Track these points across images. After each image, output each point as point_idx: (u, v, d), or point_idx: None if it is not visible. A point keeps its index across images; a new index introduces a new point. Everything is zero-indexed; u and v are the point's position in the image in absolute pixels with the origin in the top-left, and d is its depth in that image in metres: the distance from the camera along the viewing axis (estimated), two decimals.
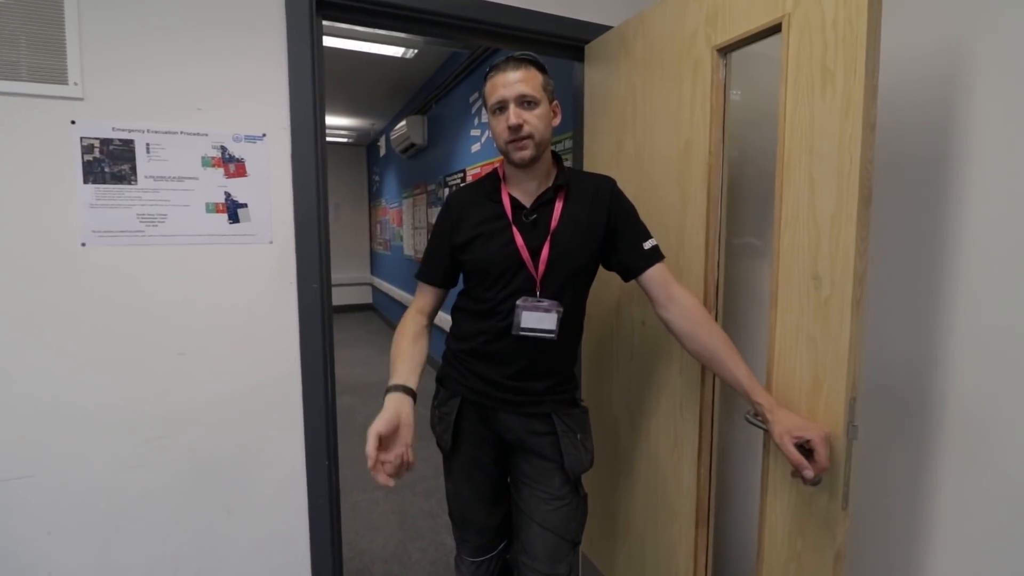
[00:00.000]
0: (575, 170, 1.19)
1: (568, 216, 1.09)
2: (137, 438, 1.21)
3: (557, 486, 1.12)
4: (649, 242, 1.10)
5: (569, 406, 1.16)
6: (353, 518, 2.34)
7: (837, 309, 0.88)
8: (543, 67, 1.07)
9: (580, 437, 1.14)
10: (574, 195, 1.11)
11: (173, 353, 1.22)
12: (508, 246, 1.08)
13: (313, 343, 1.31)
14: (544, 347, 1.09)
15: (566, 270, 1.08)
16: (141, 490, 1.23)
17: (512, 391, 1.13)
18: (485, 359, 1.14)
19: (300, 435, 1.34)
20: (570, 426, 1.13)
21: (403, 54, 3.57)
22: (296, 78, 1.24)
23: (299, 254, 1.29)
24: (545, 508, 1.12)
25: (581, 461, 1.13)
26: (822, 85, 0.88)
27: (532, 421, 1.14)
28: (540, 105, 1.04)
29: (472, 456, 1.20)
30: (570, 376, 1.18)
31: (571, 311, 1.11)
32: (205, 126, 1.20)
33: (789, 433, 0.89)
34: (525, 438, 1.14)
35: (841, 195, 0.86)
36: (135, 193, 1.17)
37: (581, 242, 1.08)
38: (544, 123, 1.05)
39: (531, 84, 1.03)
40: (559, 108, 1.10)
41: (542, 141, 1.05)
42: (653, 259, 1.08)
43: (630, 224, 1.12)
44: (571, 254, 1.08)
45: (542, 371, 1.12)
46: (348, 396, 4.04)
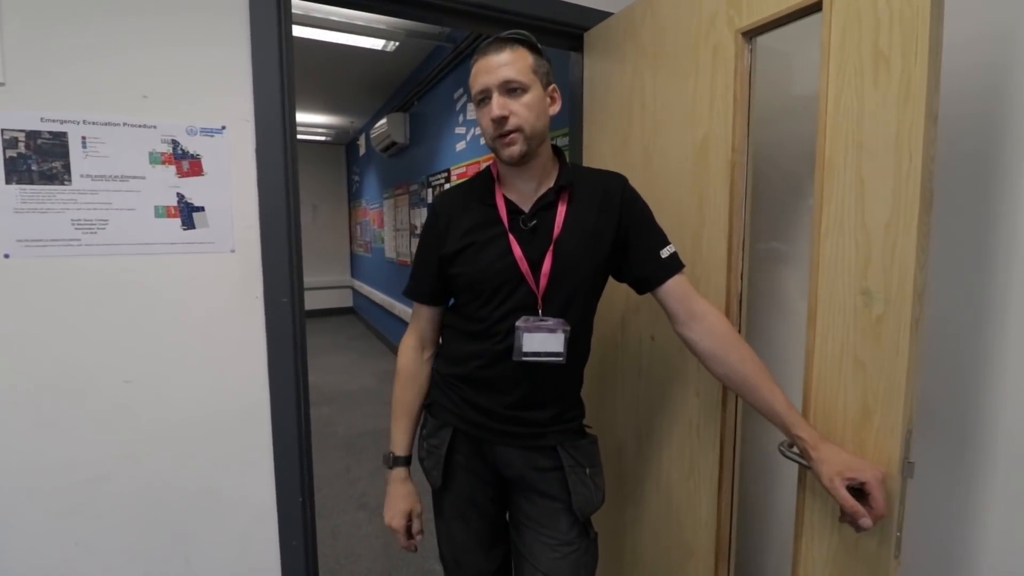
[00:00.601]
0: (580, 167, 1.05)
1: (573, 221, 0.94)
2: (75, 480, 1.04)
3: (564, 529, 0.98)
4: (667, 249, 0.95)
5: (576, 436, 1.02)
6: (333, 545, 2.17)
7: (892, 329, 0.76)
8: (536, 46, 0.92)
9: (590, 472, 1.00)
10: (579, 196, 0.96)
11: (117, 381, 1.05)
12: (504, 257, 0.93)
13: (283, 366, 1.16)
14: (548, 372, 0.95)
15: (571, 283, 0.94)
16: (82, 539, 1.06)
17: (512, 422, 0.99)
18: (480, 386, 1.00)
19: (269, 470, 1.18)
20: (578, 460, 0.99)
21: (384, 47, 3.41)
22: (261, 63, 1.08)
23: (266, 264, 1.13)
24: (552, 556, 0.97)
25: (591, 500, 0.99)
26: (874, 70, 0.76)
27: (535, 455, 0.99)
28: (530, 91, 0.89)
29: (466, 494, 1.06)
30: (576, 402, 1.04)
31: (578, 330, 0.96)
32: (153, 117, 1.04)
33: (840, 475, 0.76)
34: (527, 474, 1.00)
35: (898, 198, 0.74)
36: (69, 195, 1.00)
37: (588, 251, 0.94)
38: (535, 112, 0.89)
39: (517, 67, 0.88)
40: (558, 93, 0.95)
41: (534, 134, 0.90)
42: (671, 269, 0.94)
43: (645, 229, 0.97)
44: (577, 265, 0.94)
45: (546, 399, 0.98)
46: (326, 406, 3.86)
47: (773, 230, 1.15)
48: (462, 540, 1.08)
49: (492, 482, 1.05)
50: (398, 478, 1.08)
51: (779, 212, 1.14)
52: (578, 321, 0.96)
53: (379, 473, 2.79)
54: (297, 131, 4.06)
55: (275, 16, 1.09)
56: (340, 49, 3.46)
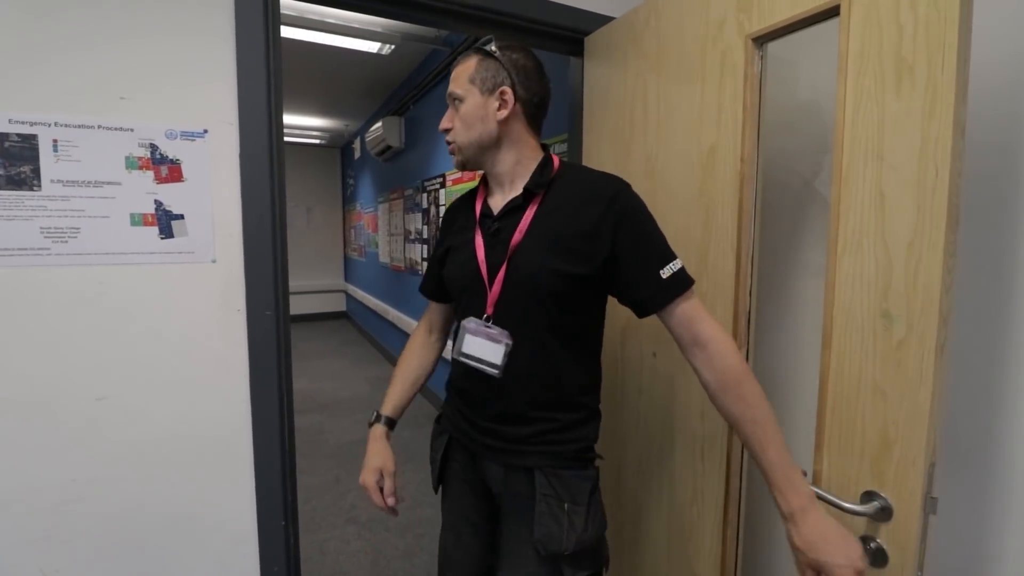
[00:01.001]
0: (578, 169, 0.97)
1: (540, 229, 0.88)
2: (43, 504, 0.97)
3: (529, 561, 0.88)
4: (669, 267, 0.83)
5: (563, 463, 0.90)
6: (321, 561, 2.10)
7: (915, 355, 0.71)
8: (488, 51, 0.90)
9: (568, 508, 0.87)
10: (556, 202, 0.89)
11: (89, 398, 0.99)
12: (471, 261, 0.93)
13: (266, 383, 1.09)
14: (522, 386, 0.90)
15: (526, 295, 0.87)
16: (50, 566, 0.99)
17: (491, 435, 0.94)
18: (462, 393, 1.00)
19: (250, 493, 1.11)
20: (556, 491, 0.88)
21: (379, 50, 3.36)
22: (246, 63, 1.03)
23: (249, 275, 1.07)
24: None
25: (557, 538, 0.85)
26: (896, 79, 0.72)
27: (514, 477, 0.92)
28: (465, 101, 0.91)
29: (460, 508, 1.04)
30: (569, 426, 0.91)
31: (537, 344, 0.88)
32: (130, 119, 0.98)
33: (811, 566, 0.72)
34: (505, 496, 0.95)
35: (922, 215, 0.69)
36: (38, 201, 0.93)
37: (553, 262, 0.85)
38: (467, 123, 0.91)
39: (459, 79, 0.91)
40: (508, 94, 0.89)
41: (467, 144, 0.92)
42: (672, 292, 0.83)
43: (641, 244, 0.85)
44: (534, 276, 0.86)
45: (526, 415, 0.91)
46: (317, 414, 3.78)
47: (784, 246, 1.10)
48: (451, 554, 1.06)
49: (486, 497, 1.01)
50: (375, 435, 1.08)
51: (791, 227, 1.09)
52: (533, 338, 0.88)
53: None
54: (291, 133, 4.04)
55: (262, 14, 1.03)
56: (336, 52, 3.41)
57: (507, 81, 0.89)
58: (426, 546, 2.19)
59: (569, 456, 0.91)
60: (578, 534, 0.86)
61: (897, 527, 0.74)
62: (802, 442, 1.05)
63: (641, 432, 1.25)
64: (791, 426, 1.12)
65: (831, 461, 0.81)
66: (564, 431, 0.91)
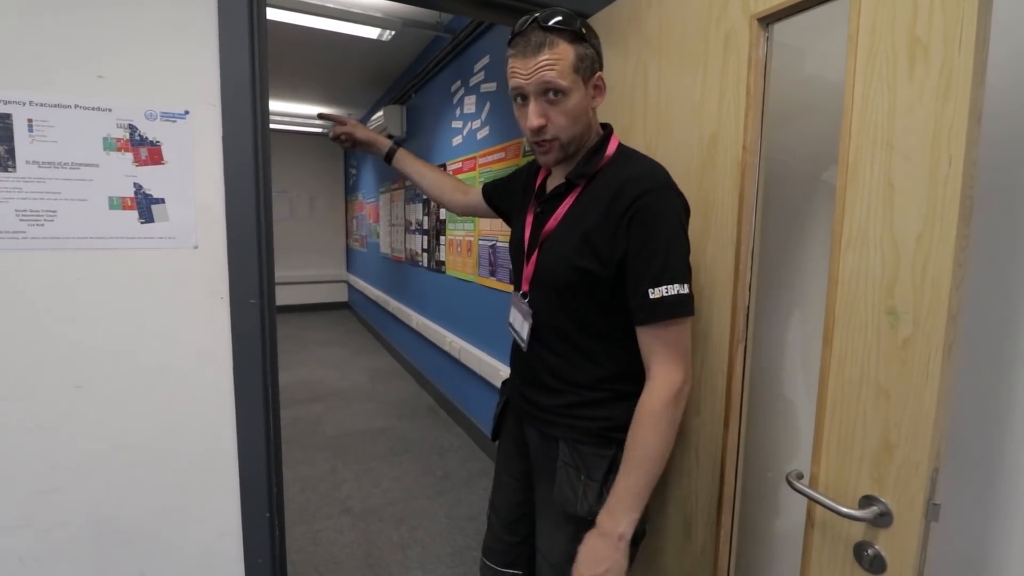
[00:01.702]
0: (626, 156, 0.91)
1: (572, 220, 0.89)
2: (20, 492, 0.95)
3: (554, 518, 0.97)
4: (662, 290, 0.79)
5: (587, 438, 0.92)
6: (314, 551, 2.09)
7: (921, 354, 0.67)
8: (579, 33, 0.82)
9: (584, 479, 0.91)
10: (594, 190, 0.87)
11: (68, 385, 0.97)
12: (521, 233, 1.00)
13: (251, 374, 1.07)
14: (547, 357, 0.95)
15: (550, 284, 0.92)
16: (28, 554, 0.97)
17: (529, 402, 1.01)
18: (511, 360, 1.09)
19: (235, 485, 1.09)
20: (575, 461, 0.92)
21: (379, 36, 3.30)
22: (229, 41, 0.99)
23: (232, 262, 1.04)
24: (547, 539, 1.00)
25: (570, 501, 0.91)
26: (909, 61, 0.67)
27: (546, 443, 0.98)
28: (571, 96, 0.82)
29: (504, 461, 1.14)
30: (595, 403, 0.92)
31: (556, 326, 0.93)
32: (108, 99, 0.94)
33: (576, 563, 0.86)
34: (539, 459, 1.02)
35: (933, 206, 0.65)
36: (14, 183, 0.90)
37: (575, 259, 0.86)
38: (573, 119, 0.84)
39: (558, 67, 0.80)
40: (603, 81, 0.87)
41: (572, 140, 0.87)
42: (650, 315, 0.81)
43: (643, 254, 0.81)
44: (556, 269, 0.89)
45: (552, 386, 0.96)
46: (316, 404, 3.77)
47: (786, 239, 1.06)
48: (494, 497, 1.17)
49: (524, 457, 1.08)
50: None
51: (793, 219, 1.05)
52: (559, 320, 0.92)
53: (365, 475, 2.71)
54: (293, 122, 4.00)
55: None
56: (336, 39, 3.36)
57: (599, 66, 0.86)
58: (420, 538, 2.18)
59: (591, 432, 0.93)
60: (590, 504, 0.90)
61: (896, 534, 0.71)
62: (799, 443, 1.02)
63: None
64: (788, 427, 1.08)
65: (829, 464, 0.78)
66: (587, 407, 0.93)
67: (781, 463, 1.09)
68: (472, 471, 2.76)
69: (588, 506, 0.90)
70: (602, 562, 0.83)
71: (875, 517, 0.72)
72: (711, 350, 1.00)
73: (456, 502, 2.46)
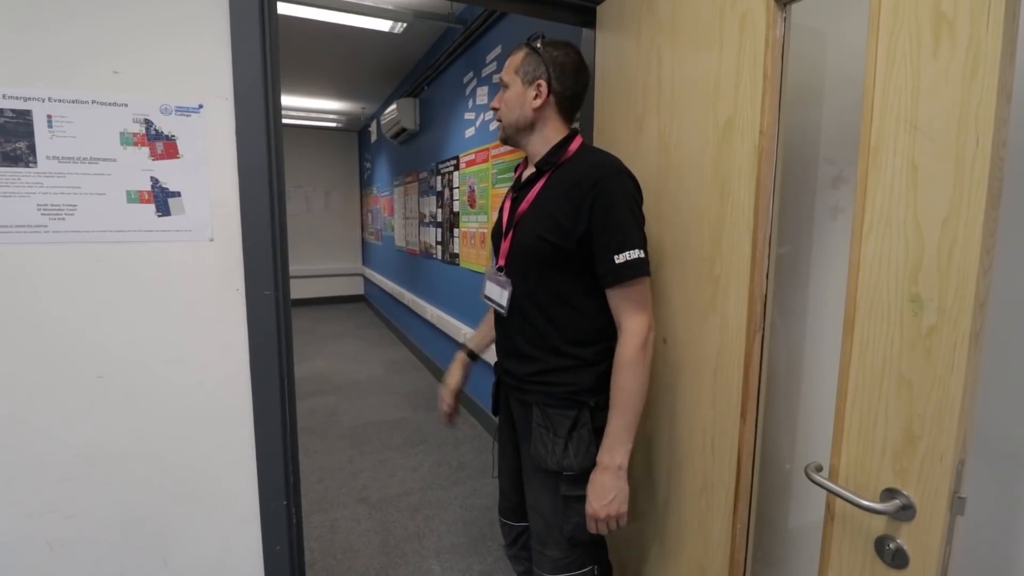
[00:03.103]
0: (585, 152, 1.07)
1: (540, 201, 1.05)
2: (46, 479, 0.98)
3: (541, 476, 1.10)
4: (625, 255, 0.95)
5: (556, 403, 1.06)
6: (331, 540, 2.12)
7: (947, 343, 0.65)
8: (535, 47, 1.06)
9: (553, 439, 1.05)
10: (559, 179, 1.04)
11: (89, 376, 0.99)
12: (501, 217, 1.16)
13: (266, 363, 1.08)
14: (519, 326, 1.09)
15: (524, 256, 1.06)
16: (55, 539, 1.00)
17: (507, 373, 1.16)
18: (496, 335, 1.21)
19: (252, 472, 1.11)
20: (547, 423, 1.06)
21: (392, 28, 3.30)
22: (241, 33, 0.99)
23: (247, 254, 1.05)
24: (535, 495, 1.13)
25: (540, 456, 1.06)
26: (934, 38, 0.65)
27: (525, 410, 1.13)
28: (509, 88, 1.07)
29: (502, 430, 1.28)
30: (564, 369, 1.06)
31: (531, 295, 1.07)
32: (125, 94, 0.95)
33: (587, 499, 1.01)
34: (521, 425, 1.16)
35: (960, 189, 0.63)
36: (35, 178, 0.92)
37: (542, 232, 1.02)
38: (509, 106, 1.08)
39: (507, 68, 1.07)
40: (543, 86, 1.05)
41: (509, 124, 1.09)
42: (617, 277, 0.96)
43: (606, 227, 0.96)
44: (526, 243, 1.05)
45: (524, 352, 1.10)
46: (332, 395, 3.82)
47: (805, 224, 1.04)
48: (499, 462, 1.31)
49: (511, 427, 1.22)
50: (456, 358, 1.35)
51: (812, 204, 1.02)
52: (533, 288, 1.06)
53: (381, 466, 2.74)
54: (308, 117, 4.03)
55: None
56: (349, 32, 3.37)
57: (544, 75, 1.04)
58: (435, 528, 2.20)
59: (559, 396, 1.06)
60: (558, 459, 1.05)
61: (920, 527, 0.69)
62: (819, 434, 1.00)
63: (650, 420, 1.20)
64: (809, 418, 1.06)
65: (849, 456, 0.76)
66: (555, 373, 1.07)
67: (800, 455, 1.07)
68: (486, 462, 2.77)
69: (556, 460, 1.05)
70: (608, 492, 0.98)
71: (897, 510, 0.70)
72: (727, 340, 0.98)
73: (471, 492, 2.48)
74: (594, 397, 1.06)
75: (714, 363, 1.01)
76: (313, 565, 1.95)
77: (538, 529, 1.13)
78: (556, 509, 1.09)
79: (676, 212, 1.08)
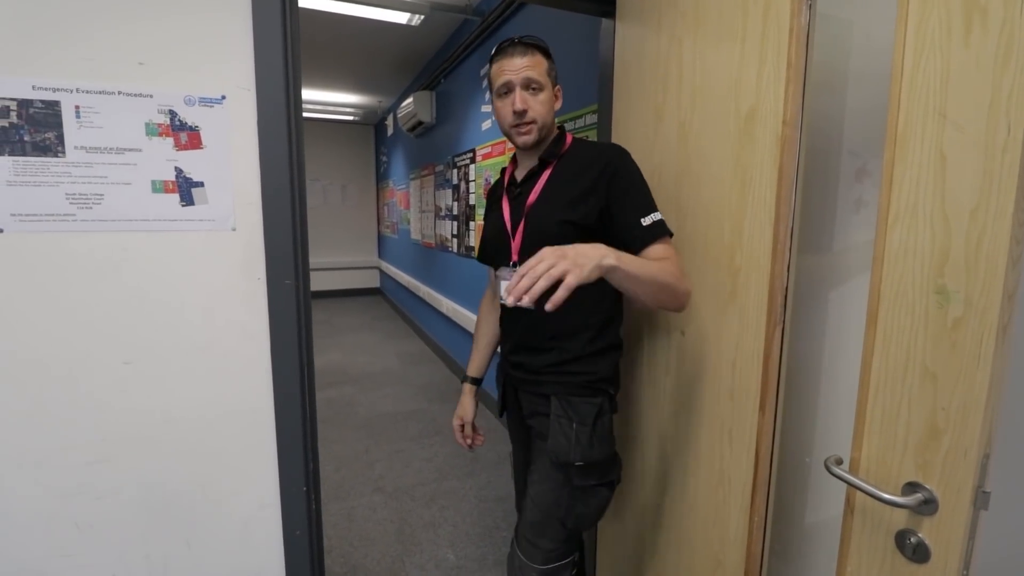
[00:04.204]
0: (583, 142, 1.15)
1: (550, 190, 1.09)
2: (75, 461, 1.01)
3: (548, 467, 1.11)
4: (650, 217, 1.00)
5: (577, 391, 1.09)
6: (348, 527, 2.16)
7: (973, 336, 0.64)
8: (548, 52, 1.10)
9: (576, 427, 1.07)
10: (564, 167, 1.10)
11: (117, 361, 1.01)
12: (499, 219, 1.16)
13: (287, 351, 1.10)
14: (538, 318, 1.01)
15: (540, 240, 1.03)
16: (83, 520, 1.03)
17: (518, 368, 1.17)
18: (504, 335, 1.23)
19: (272, 458, 1.13)
20: (567, 412, 1.08)
21: (408, 20, 3.30)
22: (263, 27, 1.00)
23: (269, 244, 1.07)
24: (537, 487, 1.13)
25: (564, 449, 1.06)
26: (965, 25, 0.63)
27: (537, 401, 1.15)
28: (544, 91, 1.07)
29: (512, 430, 1.31)
30: (580, 358, 1.09)
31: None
32: (149, 85, 0.97)
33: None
34: (533, 417, 1.17)
35: (989, 179, 0.62)
36: (63, 168, 0.95)
37: (560, 216, 1.06)
38: (547, 108, 1.09)
39: (537, 69, 1.06)
40: (560, 92, 1.13)
41: (544, 125, 1.09)
42: (649, 236, 0.99)
43: (628, 196, 1.02)
44: (545, 229, 1.07)
45: (542, 345, 1.12)
46: (349, 386, 3.87)
47: (828, 215, 1.02)
48: (514, 462, 1.35)
49: (523, 422, 1.23)
50: (464, 391, 1.37)
51: (835, 194, 1.01)
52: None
53: (397, 456, 2.77)
54: (325, 111, 4.07)
55: None
56: (366, 24, 3.38)
57: (558, 79, 1.13)
58: (450, 518, 2.22)
59: (579, 385, 1.09)
60: (583, 449, 1.05)
61: (942, 522, 0.68)
62: (841, 427, 0.99)
63: (666, 412, 1.20)
64: (829, 411, 1.05)
65: (870, 449, 0.75)
66: (574, 363, 1.09)
67: (819, 448, 1.06)
68: (501, 454, 2.79)
69: (581, 451, 1.05)
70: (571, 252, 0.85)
71: (919, 504, 0.69)
72: (746, 331, 0.97)
73: (486, 483, 2.50)
74: (612, 387, 1.11)
75: (733, 354, 1.00)
76: (331, 552, 1.98)
77: (534, 520, 1.13)
78: (560, 502, 1.09)
79: (696, 202, 1.07)
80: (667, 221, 1.03)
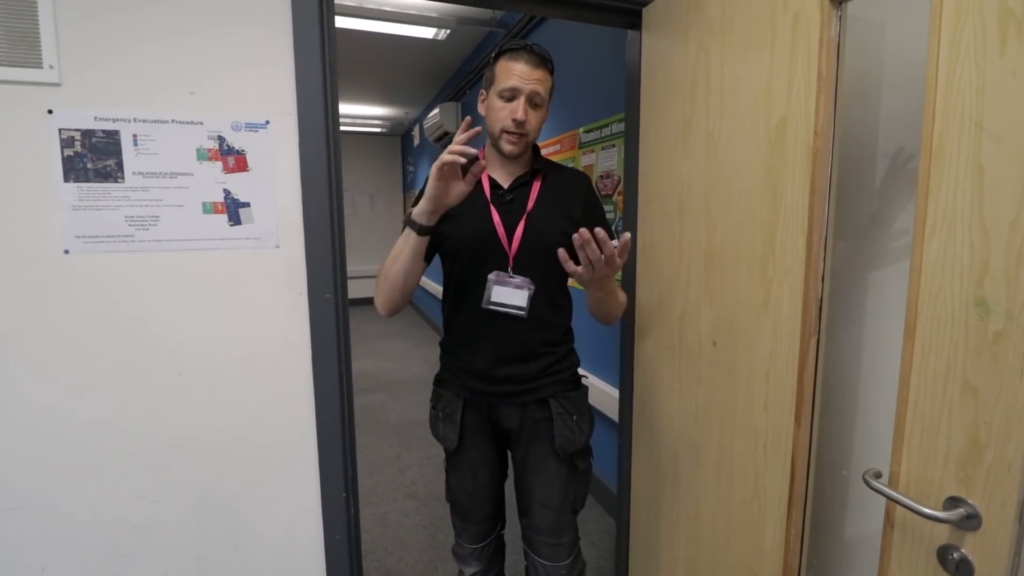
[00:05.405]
0: (551, 160, 1.25)
1: (544, 198, 1.14)
2: (133, 467, 1.07)
3: (554, 467, 1.18)
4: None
5: (569, 387, 1.19)
6: (382, 533, 2.20)
7: (1015, 348, 0.63)
8: (553, 71, 1.12)
9: (576, 419, 1.17)
10: (551, 181, 1.17)
11: (172, 372, 1.07)
12: (486, 224, 1.12)
13: (327, 362, 1.14)
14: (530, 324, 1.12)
15: (540, 248, 1.09)
16: (139, 523, 1.09)
17: (506, 381, 1.16)
18: (471, 345, 1.17)
19: (314, 465, 1.17)
20: (567, 408, 1.17)
21: (435, 35, 3.37)
22: (303, 53, 1.05)
23: (309, 260, 1.11)
24: (547, 490, 1.18)
25: (572, 442, 1.16)
26: (1000, 35, 0.63)
27: (532, 408, 1.18)
28: (542, 108, 1.11)
29: (478, 455, 1.25)
30: (567, 354, 1.21)
31: (547, 290, 1.14)
32: (199, 113, 1.03)
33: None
34: (525, 426, 1.19)
35: None
36: (122, 192, 1.01)
37: (557, 223, 1.12)
38: (540, 125, 1.13)
39: (544, 86, 1.09)
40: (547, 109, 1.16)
41: (532, 140, 1.14)
42: None
43: (601, 217, 1.19)
44: (548, 233, 1.11)
45: (535, 351, 1.15)
46: (380, 393, 3.94)
47: (863, 227, 1.01)
48: (473, 492, 1.28)
49: (496, 441, 1.25)
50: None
51: (870, 206, 1.00)
52: (546, 283, 1.14)
53: (428, 463, 2.81)
54: (354, 123, 4.16)
55: (317, 5, 1.05)
56: (393, 40, 3.46)
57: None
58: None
59: (568, 379, 1.20)
60: (587, 435, 1.19)
61: (986, 537, 0.67)
62: (879, 441, 0.98)
63: (700, 423, 1.20)
64: (867, 424, 1.04)
65: (910, 463, 0.75)
66: (561, 361, 1.19)
67: (857, 461, 1.05)
68: None
69: (584, 436, 1.18)
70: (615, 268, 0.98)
71: (961, 519, 0.68)
72: (780, 343, 0.97)
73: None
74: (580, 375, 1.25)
75: (766, 366, 1.00)
76: (366, 556, 2.03)
77: (549, 523, 1.19)
78: (568, 491, 1.19)
79: (726, 214, 1.08)
80: (697, 231, 1.07)
